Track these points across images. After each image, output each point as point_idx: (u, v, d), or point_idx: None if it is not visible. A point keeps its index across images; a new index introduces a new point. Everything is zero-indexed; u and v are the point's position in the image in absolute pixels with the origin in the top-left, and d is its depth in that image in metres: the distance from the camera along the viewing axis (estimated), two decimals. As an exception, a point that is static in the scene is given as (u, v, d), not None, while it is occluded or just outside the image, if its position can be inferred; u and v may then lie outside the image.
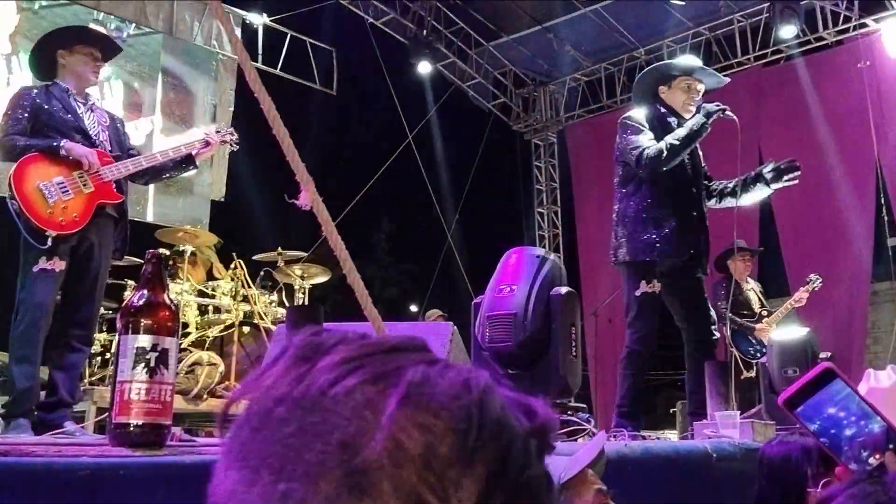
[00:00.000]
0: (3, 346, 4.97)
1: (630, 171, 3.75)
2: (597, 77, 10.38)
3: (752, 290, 6.52)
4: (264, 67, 8.71)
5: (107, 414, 1.40)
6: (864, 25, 8.26)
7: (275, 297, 6.06)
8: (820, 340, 5.01)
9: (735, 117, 3.71)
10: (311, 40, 8.86)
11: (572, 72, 10.50)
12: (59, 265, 3.34)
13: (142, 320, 1.36)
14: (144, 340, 1.34)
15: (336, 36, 9.20)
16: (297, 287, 6.19)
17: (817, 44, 8.66)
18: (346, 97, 9.34)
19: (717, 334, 3.83)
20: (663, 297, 3.71)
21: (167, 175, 3.94)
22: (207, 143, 3.80)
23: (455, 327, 2.72)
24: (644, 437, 3.08)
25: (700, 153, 3.96)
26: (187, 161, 3.82)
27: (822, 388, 0.93)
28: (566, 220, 10.70)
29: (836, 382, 0.93)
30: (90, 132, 3.57)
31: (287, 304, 6.08)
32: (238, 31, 8.59)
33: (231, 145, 4.11)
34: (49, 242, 3.30)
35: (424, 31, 9.52)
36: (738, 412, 2.84)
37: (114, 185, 3.55)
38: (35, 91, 3.57)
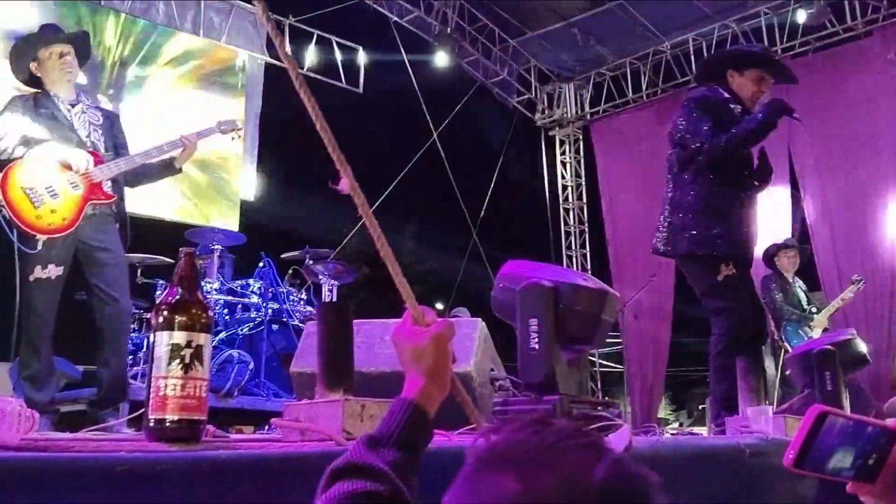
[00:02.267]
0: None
1: (688, 155, 3.63)
2: (622, 72, 10.31)
3: (799, 287, 6.48)
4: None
5: (142, 410, 1.42)
6: (893, 16, 8.12)
7: (303, 294, 6.11)
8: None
9: (801, 120, 3.66)
10: (336, 39, 8.90)
11: (597, 67, 10.44)
12: (55, 272, 3.36)
13: (176, 317, 1.37)
14: (179, 337, 1.36)
15: (361, 34, 9.24)
16: (324, 285, 6.24)
17: (846, 35, 8.53)
18: (372, 95, 9.36)
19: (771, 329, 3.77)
20: None
21: (151, 179, 3.90)
22: (184, 145, 3.75)
23: (483, 323, 2.72)
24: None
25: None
26: (169, 167, 3.82)
27: (822, 431, 0.92)
28: (592, 215, 10.65)
29: (830, 420, 0.92)
30: (80, 133, 3.58)
31: (313, 301, 6.12)
32: (265, 31, 8.65)
33: (234, 136, 4.12)
34: (39, 246, 3.32)
35: (448, 29, 9.52)
36: (771, 407, 2.81)
37: (105, 185, 3.54)
38: (23, 99, 3.59)
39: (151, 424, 1.37)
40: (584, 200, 10.86)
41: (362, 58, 9.12)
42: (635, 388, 9.27)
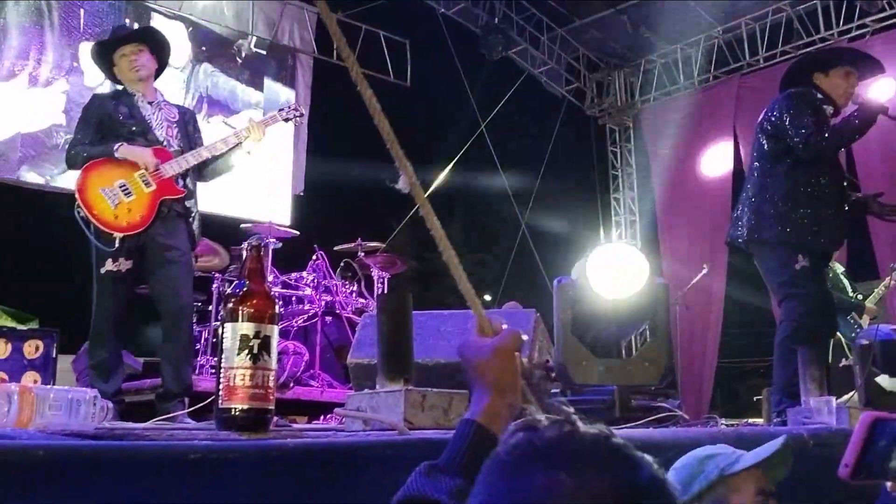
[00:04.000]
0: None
1: (782, 147, 3.64)
2: (672, 58, 10.15)
3: (843, 273, 6.31)
4: (340, 62, 8.83)
5: (205, 401, 1.45)
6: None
7: (354, 287, 6.16)
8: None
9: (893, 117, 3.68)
10: (384, 33, 8.93)
11: (647, 54, 10.29)
12: (126, 265, 3.46)
13: (244, 308, 1.40)
14: (247, 328, 1.39)
15: (408, 28, 9.25)
16: (375, 277, 6.29)
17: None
18: (420, 88, 9.38)
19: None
20: None
21: (221, 171, 3.92)
22: (250, 132, 3.80)
23: (538, 314, 2.72)
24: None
25: None
26: (236, 150, 3.85)
27: (875, 436, 0.90)
28: (643, 205, 10.51)
29: (883, 425, 0.90)
30: (155, 131, 3.66)
31: (364, 294, 6.18)
32: (314, 27, 8.75)
33: (295, 122, 4.17)
34: (116, 244, 3.42)
35: (496, 19, 9.48)
36: (834, 398, 2.75)
37: (176, 181, 3.61)
38: (103, 98, 3.73)
39: (221, 414, 1.40)
40: (635, 190, 10.73)
41: (410, 51, 9.14)
42: (686, 379, 9.15)
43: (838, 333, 5.91)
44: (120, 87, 3.80)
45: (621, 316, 2.41)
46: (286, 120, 4.12)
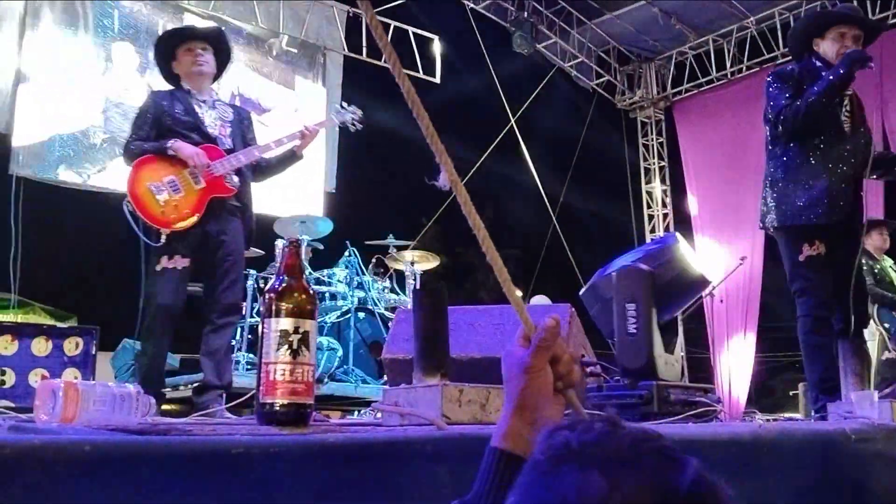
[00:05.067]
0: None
1: (774, 129, 3.56)
2: (705, 50, 10.03)
3: (891, 266, 6.18)
4: (369, 59, 8.86)
5: (250, 394, 1.46)
6: None
7: (387, 283, 6.19)
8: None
9: (872, 66, 3.47)
10: (413, 29, 8.94)
11: (679, 45, 10.18)
12: (182, 262, 3.47)
13: (283, 304, 1.41)
14: (286, 323, 1.40)
15: (437, 24, 9.25)
16: (407, 273, 6.30)
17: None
18: (449, 84, 9.38)
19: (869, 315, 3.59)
20: None
21: (275, 171, 3.98)
22: (304, 135, 3.84)
23: (573, 309, 2.70)
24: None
25: (863, 114, 3.71)
26: (291, 157, 3.90)
27: None
28: (676, 198, 10.42)
29: None
30: (209, 130, 3.67)
31: (396, 290, 6.20)
32: (343, 24, 8.78)
33: (352, 125, 4.14)
34: (163, 240, 3.44)
35: (525, 13, 9.44)
36: (876, 392, 2.70)
37: (227, 179, 3.63)
38: (160, 96, 3.74)
39: (262, 408, 1.41)
40: (668, 183, 10.63)
41: (438, 48, 9.14)
42: (723, 373, 9.06)
43: (882, 327, 5.80)
44: (174, 86, 3.81)
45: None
46: (342, 124, 4.13)
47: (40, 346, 4.06)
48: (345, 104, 4.24)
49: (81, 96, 7.12)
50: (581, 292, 2.77)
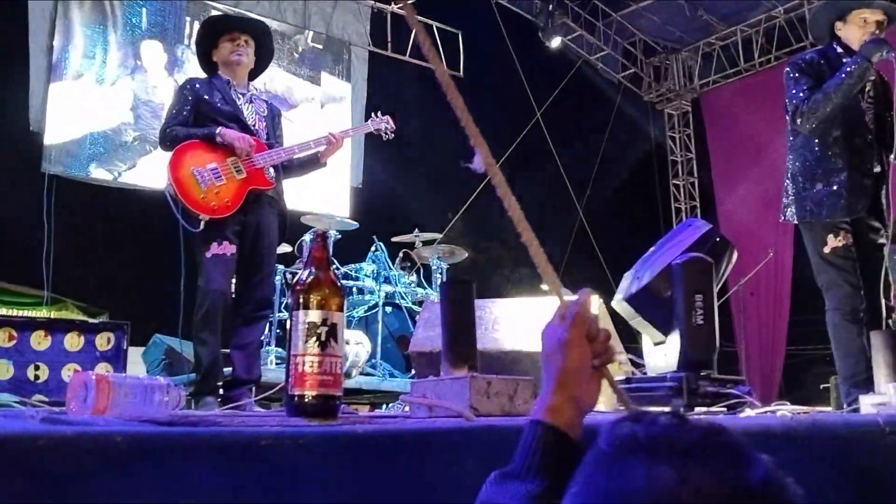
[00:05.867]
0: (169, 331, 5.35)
1: (794, 123, 3.49)
2: (732, 41, 9.92)
3: None
4: (393, 54, 8.88)
5: (278, 387, 1.47)
6: None
7: (414, 277, 6.20)
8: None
9: (894, 56, 3.37)
10: (437, 24, 8.93)
11: (706, 36, 10.07)
12: (230, 249, 3.48)
13: (311, 296, 1.42)
14: (315, 315, 1.40)
15: (462, 18, 9.23)
16: (434, 267, 6.31)
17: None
18: (474, 79, 9.36)
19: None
20: None
21: (297, 173, 3.98)
22: (330, 142, 3.83)
23: (601, 300, 2.68)
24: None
25: (890, 97, 3.59)
26: (315, 162, 3.91)
27: None
28: (704, 191, 10.31)
29: None
30: (248, 122, 3.68)
31: (423, 284, 6.20)
32: (368, 20, 8.80)
33: (385, 134, 4.14)
34: (201, 226, 3.43)
35: (550, 6, 9.39)
36: (911, 384, 2.65)
37: (266, 172, 3.64)
38: (198, 82, 3.73)
39: (291, 400, 1.42)
40: (696, 175, 10.53)
41: (462, 42, 9.12)
42: (753, 367, 8.97)
43: None
44: (209, 73, 3.81)
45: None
46: (376, 132, 4.15)
47: (73, 342, 4.12)
48: (379, 113, 4.25)
49: (111, 95, 7.21)
50: (624, 295, 2.72)
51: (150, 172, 7.02)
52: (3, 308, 6.48)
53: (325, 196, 7.87)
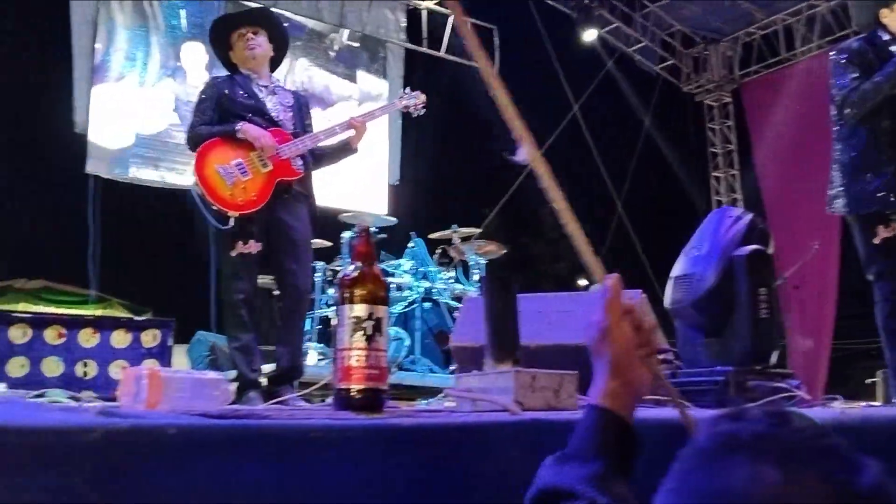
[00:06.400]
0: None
1: (839, 110, 3.42)
2: (773, 30, 9.74)
3: None
4: (429, 51, 8.88)
5: (322, 383, 1.48)
6: None
7: (452, 273, 6.20)
8: None
9: None
10: (472, 20, 8.90)
11: (746, 26, 9.91)
12: (255, 247, 3.46)
13: (357, 291, 1.43)
14: (360, 310, 1.41)
15: (497, 13, 9.20)
16: (471, 263, 6.31)
17: None
18: (509, 74, 9.32)
19: None
20: None
21: (330, 161, 3.92)
22: (353, 126, 3.76)
23: (644, 295, 2.66)
24: None
25: None
26: (346, 148, 3.85)
27: None
28: (746, 183, 10.15)
29: None
30: (271, 114, 3.66)
31: (461, 279, 6.20)
32: (404, 17, 8.82)
33: (414, 110, 4.09)
34: (231, 223, 3.42)
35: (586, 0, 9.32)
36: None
37: (293, 163, 3.61)
38: (219, 80, 3.75)
39: (339, 394, 1.43)
40: (737, 167, 10.37)
41: (497, 37, 9.10)
42: (797, 361, 8.81)
43: None
44: (232, 72, 3.82)
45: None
46: (406, 110, 4.07)
47: (120, 339, 4.20)
48: (408, 89, 4.19)
49: (153, 96, 7.33)
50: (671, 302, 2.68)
51: (191, 172, 7.13)
52: (51, 306, 6.63)
53: (362, 193, 7.92)
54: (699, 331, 2.33)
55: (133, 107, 7.20)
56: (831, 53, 3.53)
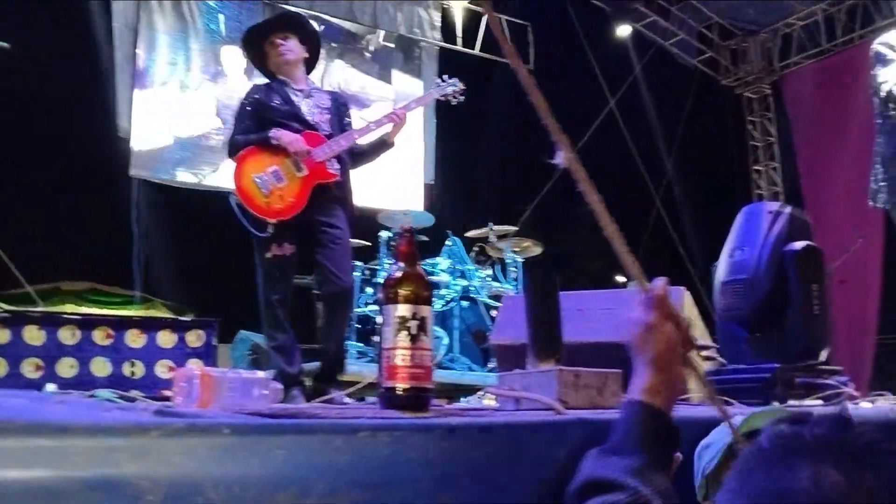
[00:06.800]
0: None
1: (882, 102, 3.41)
2: (814, 20, 9.56)
3: None
4: (463, 49, 8.89)
5: (365, 382, 1.50)
6: None
7: (489, 271, 6.20)
8: None
9: None
10: (506, 17, 8.90)
11: (785, 17, 9.74)
12: (289, 249, 3.53)
13: (400, 291, 1.45)
14: (404, 310, 1.43)
15: (530, 9, 9.17)
16: (508, 261, 6.31)
17: None
18: (544, 70, 9.30)
19: None
20: None
21: (368, 158, 3.96)
22: (392, 121, 3.80)
23: (687, 291, 2.65)
24: None
25: None
26: (383, 143, 3.89)
27: None
28: (787, 176, 9.99)
29: None
30: (307, 117, 3.72)
31: (499, 278, 6.20)
32: (438, 16, 8.84)
33: (453, 97, 4.10)
34: (270, 230, 3.49)
35: (622, -7, 9.26)
36: None
37: (329, 165, 3.65)
38: (257, 89, 3.82)
39: (384, 393, 1.45)
40: (778, 161, 10.21)
41: (531, 34, 9.07)
42: (842, 357, 8.66)
43: None
44: (270, 79, 3.88)
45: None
46: (444, 98, 4.08)
47: (165, 339, 4.29)
48: (445, 77, 4.19)
49: (195, 100, 7.45)
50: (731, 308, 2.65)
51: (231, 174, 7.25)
52: (97, 307, 6.78)
53: (398, 193, 7.95)
54: (743, 328, 2.31)
55: (175, 111, 7.33)
56: (873, 44, 3.49)
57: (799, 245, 2.14)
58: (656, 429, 1.06)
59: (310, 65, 3.96)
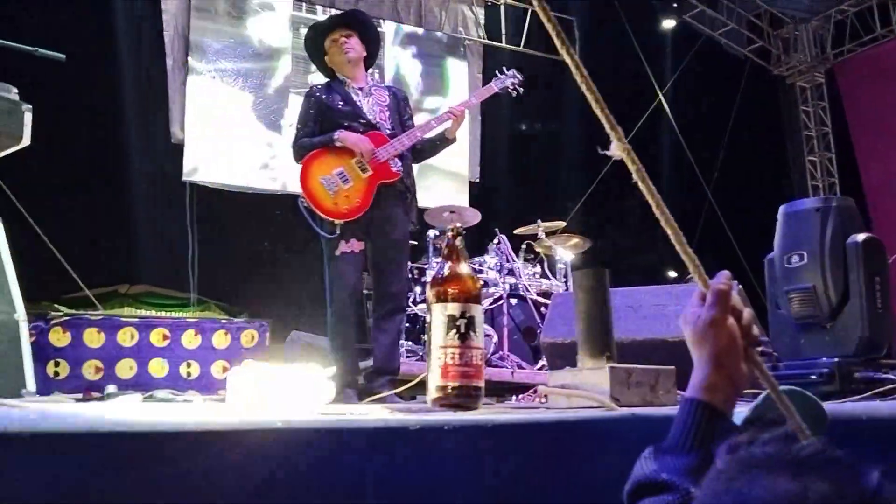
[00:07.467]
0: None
1: None
2: (867, 5, 9.30)
3: None
4: (509, 46, 8.86)
5: (417, 380, 1.51)
6: None
7: (537, 268, 6.17)
8: None
9: None
10: (552, 13, 8.84)
11: (837, 3, 9.49)
12: (358, 246, 3.56)
13: (449, 290, 1.45)
14: (453, 308, 1.43)
15: (576, 3, 9.10)
16: (557, 258, 6.26)
17: None
18: (591, 65, 9.20)
19: None
20: None
21: (429, 154, 3.98)
22: (451, 117, 3.79)
23: (740, 286, 2.59)
24: None
25: None
26: (444, 139, 3.89)
27: None
28: (843, 166, 9.73)
29: None
30: (368, 117, 3.73)
31: (547, 275, 6.17)
32: (482, 13, 8.83)
33: (512, 89, 4.08)
34: (337, 231, 3.52)
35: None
36: None
37: (392, 164, 3.67)
38: (318, 90, 3.83)
39: (435, 391, 1.46)
40: (833, 151, 9.95)
41: (577, 29, 9.00)
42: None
43: None
44: (331, 78, 3.89)
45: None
46: (502, 91, 4.06)
47: (220, 340, 4.38)
48: (504, 69, 4.17)
49: (245, 104, 7.57)
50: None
51: (282, 176, 7.35)
52: (153, 310, 6.94)
53: (444, 192, 7.96)
54: (798, 322, 2.26)
55: (227, 115, 7.46)
56: None
57: (861, 237, 2.09)
58: (714, 428, 1.03)
59: (367, 63, 3.99)
